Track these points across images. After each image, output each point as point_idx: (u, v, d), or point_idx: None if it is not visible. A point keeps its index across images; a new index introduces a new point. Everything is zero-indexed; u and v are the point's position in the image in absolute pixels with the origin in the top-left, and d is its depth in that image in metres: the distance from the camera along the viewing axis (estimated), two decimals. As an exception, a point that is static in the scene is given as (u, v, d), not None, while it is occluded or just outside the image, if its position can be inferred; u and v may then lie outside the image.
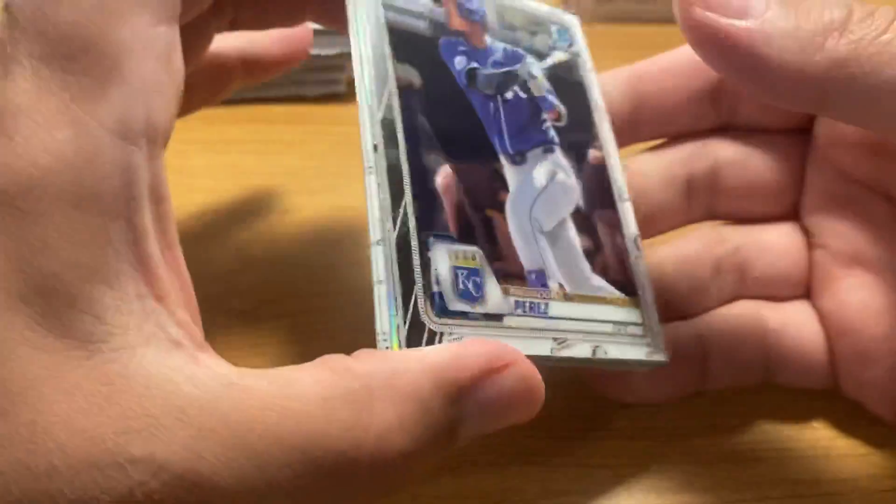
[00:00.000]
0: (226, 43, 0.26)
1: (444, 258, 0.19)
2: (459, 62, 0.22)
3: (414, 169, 0.20)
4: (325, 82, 0.36)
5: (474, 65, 0.23)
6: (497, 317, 0.19)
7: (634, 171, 0.25)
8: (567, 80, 0.25)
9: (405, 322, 0.18)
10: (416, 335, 0.18)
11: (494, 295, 0.20)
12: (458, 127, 0.21)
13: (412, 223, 0.19)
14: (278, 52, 0.27)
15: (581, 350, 0.21)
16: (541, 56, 0.24)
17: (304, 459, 0.15)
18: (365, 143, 0.20)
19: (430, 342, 0.18)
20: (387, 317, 0.18)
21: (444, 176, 0.20)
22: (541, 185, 0.22)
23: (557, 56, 0.25)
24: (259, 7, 0.23)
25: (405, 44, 0.21)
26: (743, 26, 0.18)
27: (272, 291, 0.29)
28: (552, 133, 0.23)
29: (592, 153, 0.24)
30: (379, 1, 0.21)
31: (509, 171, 0.22)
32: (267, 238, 0.30)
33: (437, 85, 0.21)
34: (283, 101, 0.37)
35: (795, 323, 0.25)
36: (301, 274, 0.29)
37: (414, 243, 0.19)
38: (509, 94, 0.23)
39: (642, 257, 0.23)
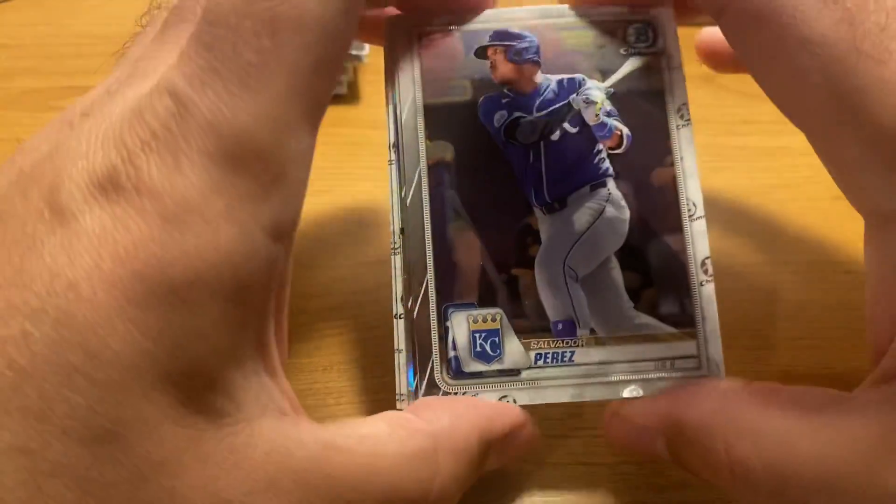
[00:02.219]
0: None
1: (462, 324, 0.21)
2: (499, 118, 0.23)
3: (438, 245, 0.22)
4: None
5: (516, 115, 0.23)
6: (513, 371, 0.21)
7: None
8: (639, 91, 0.23)
9: (423, 385, 0.21)
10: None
11: (514, 351, 0.21)
12: (489, 192, 0.22)
13: (433, 296, 0.21)
14: None
15: (610, 392, 0.21)
16: (606, 73, 0.23)
17: None
18: (393, 226, 0.22)
19: None
20: (405, 381, 0.21)
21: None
22: (581, 230, 0.22)
23: (629, 65, 0.23)
24: None
25: (440, 119, 0.22)
26: None
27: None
28: (606, 164, 0.22)
29: (658, 173, 0.22)
30: (417, 82, 0.22)
31: (543, 223, 0.22)
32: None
33: (471, 152, 0.22)
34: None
35: None
36: (301, 274, 0.29)
37: (433, 315, 0.21)
38: (555, 136, 0.23)
39: (710, 282, 0.22)
